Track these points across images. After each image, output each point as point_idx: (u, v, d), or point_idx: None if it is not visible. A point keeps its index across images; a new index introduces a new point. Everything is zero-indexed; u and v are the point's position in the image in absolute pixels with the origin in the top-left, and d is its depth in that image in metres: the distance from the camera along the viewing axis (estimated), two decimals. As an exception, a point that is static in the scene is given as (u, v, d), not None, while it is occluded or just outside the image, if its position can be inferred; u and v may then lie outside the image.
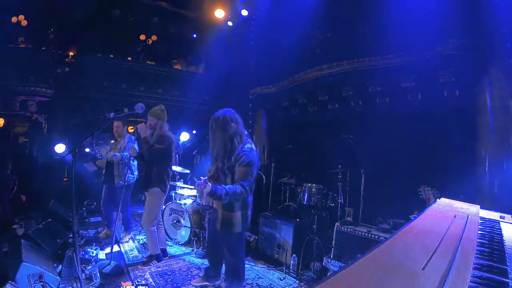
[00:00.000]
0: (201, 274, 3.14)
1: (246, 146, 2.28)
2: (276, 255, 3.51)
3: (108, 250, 3.49)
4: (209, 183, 2.07)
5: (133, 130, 4.54)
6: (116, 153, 3.87)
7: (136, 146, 3.43)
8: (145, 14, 7.75)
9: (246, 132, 2.39)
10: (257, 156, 2.29)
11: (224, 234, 2.40)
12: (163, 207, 4.12)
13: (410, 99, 4.16)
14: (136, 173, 4.20)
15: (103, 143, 6.52)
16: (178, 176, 4.57)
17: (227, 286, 2.57)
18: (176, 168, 4.43)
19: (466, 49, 3.30)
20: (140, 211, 5.69)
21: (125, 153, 3.82)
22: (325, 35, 4.84)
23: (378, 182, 3.81)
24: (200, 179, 2.06)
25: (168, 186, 3.36)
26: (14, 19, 6.27)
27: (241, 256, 2.52)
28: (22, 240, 2.75)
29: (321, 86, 4.98)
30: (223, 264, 2.76)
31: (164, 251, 3.50)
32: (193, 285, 2.87)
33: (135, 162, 4.13)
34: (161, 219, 3.65)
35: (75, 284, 2.73)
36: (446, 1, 3.31)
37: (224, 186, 2.14)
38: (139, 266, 3.28)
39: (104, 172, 4.13)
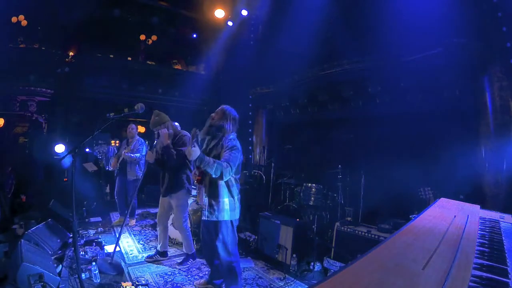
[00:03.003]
0: (201, 274, 3.14)
1: (230, 136, 2.53)
2: (276, 255, 3.50)
3: (108, 249, 3.50)
4: (196, 147, 2.26)
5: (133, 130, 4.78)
6: (132, 155, 4.66)
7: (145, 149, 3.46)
8: (145, 14, 7.74)
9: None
10: (240, 145, 2.53)
11: (212, 222, 2.47)
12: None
13: (410, 99, 4.16)
14: (143, 168, 4.56)
15: (103, 143, 6.53)
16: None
17: (225, 283, 2.57)
18: None
19: (466, 49, 3.30)
20: (141, 211, 5.69)
21: (137, 154, 4.69)
22: (326, 35, 4.84)
23: (378, 182, 3.81)
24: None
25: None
26: (14, 19, 6.27)
27: (234, 252, 2.54)
28: (22, 240, 2.75)
29: (321, 86, 4.98)
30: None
31: (165, 253, 3.50)
32: (196, 286, 2.87)
33: (143, 160, 4.67)
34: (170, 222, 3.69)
35: (75, 284, 2.73)
36: (446, 2, 3.31)
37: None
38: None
39: (118, 168, 4.88)
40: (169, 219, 3.57)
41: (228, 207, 2.46)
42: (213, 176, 2.31)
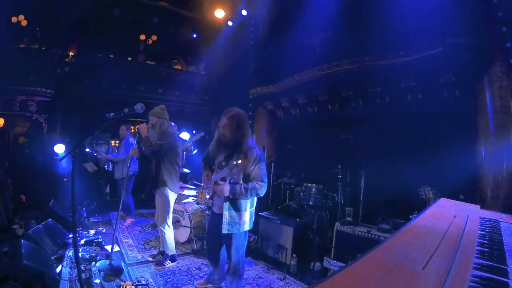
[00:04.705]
0: (201, 274, 3.14)
1: (250, 143, 2.33)
2: (276, 255, 3.51)
3: (108, 249, 3.50)
4: (226, 183, 2.10)
5: (134, 129, 4.78)
6: (107, 155, 5.08)
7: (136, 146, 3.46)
8: (145, 14, 7.73)
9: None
10: (260, 149, 2.35)
11: (232, 235, 2.38)
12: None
13: (410, 99, 4.16)
14: (131, 167, 4.80)
15: (103, 143, 6.53)
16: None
17: (228, 285, 2.57)
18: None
19: (466, 49, 3.30)
20: (141, 211, 5.69)
21: (117, 154, 4.97)
22: (326, 34, 4.83)
23: (378, 182, 3.81)
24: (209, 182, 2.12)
25: (178, 185, 3.36)
26: (14, 19, 6.27)
27: (243, 254, 2.56)
28: (22, 240, 2.75)
29: (321, 86, 4.98)
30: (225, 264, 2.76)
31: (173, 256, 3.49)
32: (196, 287, 2.87)
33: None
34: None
35: (75, 284, 2.73)
36: (446, 1, 3.31)
37: (241, 184, 2.19)
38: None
39: (112, 167, 5.31)
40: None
41: (248, 218, 2.40)
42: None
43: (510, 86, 3.15)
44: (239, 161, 1.98)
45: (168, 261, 3.32)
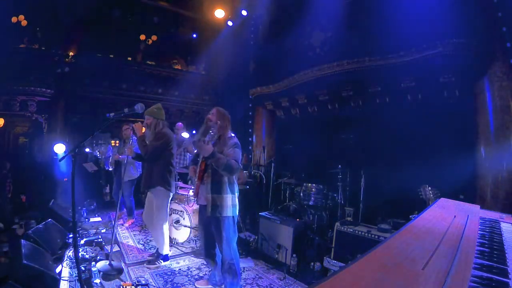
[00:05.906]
0: (201, 274, 3.14)
1: (232, 134, 2.66)
2: (276, 255, 3.51)
3: (108, 249, 3.50)
4: (210, 145, 2.35)
5: (128, 129, 4.78)
6: (120, 156, 4.67)
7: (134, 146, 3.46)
8: (145, 14, 7.75)
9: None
10: (239, 143, 2.64)
11: (215, 219, 2.49)
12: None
13: (410, 99, 4.16)
14: (139, 169, 4.76)
15: (103, 143, 6.54)
16: (178, 176, 4.58)
17: (225, 283, 2.58)
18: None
19: (466, 49, 3.30)
20: (141, 211, 5.69)
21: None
22: (326, 34, 4.84)
23: (378, 182, 3.81)
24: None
25: (173, 185, 3.34)
26: (14, 19, 6.27)
27: (235, 247, 2.58)
28: (22, 240, 2.75)
29: (321, 86, 4.98)
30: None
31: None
32: (197, 287, 2.87)
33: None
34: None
35: (75, 284, 2.73)
36: (446, 1, 3.31)
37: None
38: (144, 264, 3.27)
39: (114, 168, 4.98)
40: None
41: (231, 203, 2.53)
42: (224, 172, 2.41)
43: (510, 86, 3.15)
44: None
45: (160, 260, 3.32)
